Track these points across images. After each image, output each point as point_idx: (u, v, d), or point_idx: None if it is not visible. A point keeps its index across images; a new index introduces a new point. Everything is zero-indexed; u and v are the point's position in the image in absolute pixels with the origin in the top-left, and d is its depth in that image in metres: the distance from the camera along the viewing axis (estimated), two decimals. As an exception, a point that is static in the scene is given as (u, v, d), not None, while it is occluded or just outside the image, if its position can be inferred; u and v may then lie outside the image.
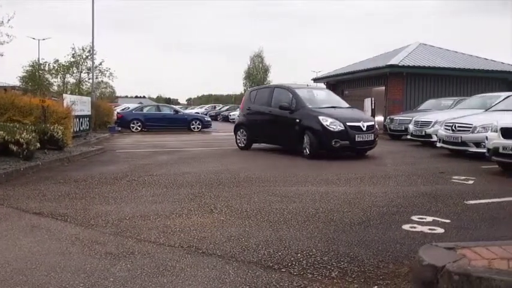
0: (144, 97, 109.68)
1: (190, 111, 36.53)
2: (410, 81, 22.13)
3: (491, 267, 2.67)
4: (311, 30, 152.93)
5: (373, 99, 20.87)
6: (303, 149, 10.49)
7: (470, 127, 9.82)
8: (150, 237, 4.08)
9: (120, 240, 3.99)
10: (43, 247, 3.82)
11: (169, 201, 5.64)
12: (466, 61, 24.04)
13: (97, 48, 46.67)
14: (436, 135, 11.32)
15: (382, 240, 3.96)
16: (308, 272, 3.23)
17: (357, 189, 6.47)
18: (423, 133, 13.14)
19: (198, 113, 32.71)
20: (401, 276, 3.14)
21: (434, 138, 11.76)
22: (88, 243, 3.92)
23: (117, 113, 25.10)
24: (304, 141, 10.42)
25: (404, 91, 22.10)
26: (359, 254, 3.59)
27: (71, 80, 37.41)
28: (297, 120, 10.67)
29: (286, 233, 4.20)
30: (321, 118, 10.22)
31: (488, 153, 7.90)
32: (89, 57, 34.02)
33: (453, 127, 10.20)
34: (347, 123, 10.18)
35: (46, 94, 23.57)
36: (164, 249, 3.74)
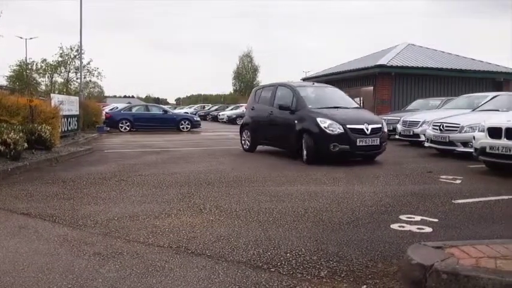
0: (132, 97, 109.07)
1: (180, 111, 36.36)
2: (399, 81, 22.33)
3: (479, 266, 2.70)
4: (301, 31, 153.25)
5: (361, 98, 20.99)
6: (303, 153, 9.49)
7: (457, 127, 9.93)
8: (139, 237, 4.06)
9: (108, 241, 3.96)
10: (31, 248, 3.77)
11: (158, 201, 5.61)
12: (454, 61, 24.31)
13: (85, 47, 46.24)
14: (424, 135, 11.43)
15: (371, 239, 3.98)
16: (297, 271, 3.23)
17: (346, 188, 6.50)
18: (411, 133, 13.23)
19: (187, 113, 32.64)
20: (390, 275, 3.16)
21: (422, 138, 11.86)
22: (76, 243, 3.89)
23: (106, 112, 24.88)
24: (303, 145, 9.46)
25: (393, 91, 22.31)
26: (348, 253, 3.61)
27: (58, 79, 37.29)
28: (296, 122, 9.75)
29: (275, 232, 4.20)
30: (319, 120, 9.21)
31: (476, 152, 7.99)
32: (77, 57, 33.95)
33: (441, 127, 10.31)
34: (347, 126, 9.08)
35: (34, 94, 23.34)
36: (153, 250, 3.72)
